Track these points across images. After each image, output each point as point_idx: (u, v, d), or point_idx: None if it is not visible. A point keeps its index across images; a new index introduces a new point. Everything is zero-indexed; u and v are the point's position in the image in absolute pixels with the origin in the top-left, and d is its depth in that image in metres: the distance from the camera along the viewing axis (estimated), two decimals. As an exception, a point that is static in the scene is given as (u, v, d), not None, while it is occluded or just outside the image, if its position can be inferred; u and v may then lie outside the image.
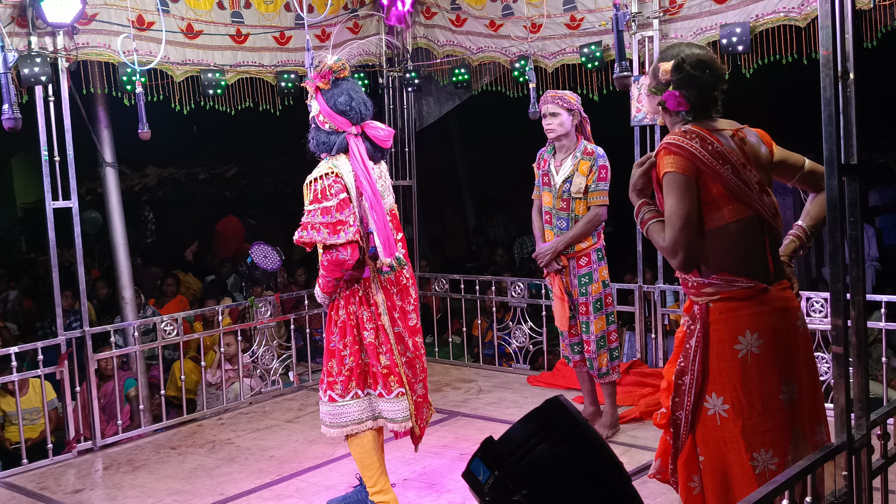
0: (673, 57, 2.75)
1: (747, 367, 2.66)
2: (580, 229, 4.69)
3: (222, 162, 15.57)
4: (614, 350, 4.83)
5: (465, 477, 2.20)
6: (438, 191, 11.63)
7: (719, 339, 2.70)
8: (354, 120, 3.62)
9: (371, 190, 3.55)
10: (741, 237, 2.68)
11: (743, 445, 2.66)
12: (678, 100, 2.73)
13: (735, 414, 2.67)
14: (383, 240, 3.54)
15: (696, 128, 2.71)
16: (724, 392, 2.68)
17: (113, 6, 5.32)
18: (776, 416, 2.66)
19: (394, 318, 3.71)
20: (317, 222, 3.50)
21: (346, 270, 3.57)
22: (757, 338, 2.66)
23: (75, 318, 7.15)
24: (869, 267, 8.35)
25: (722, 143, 2.68)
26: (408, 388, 3.72)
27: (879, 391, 5.17)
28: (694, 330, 2.74)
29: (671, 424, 2.82)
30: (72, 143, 5.09)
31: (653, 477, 2.98)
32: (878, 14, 4.89)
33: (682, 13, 5.58)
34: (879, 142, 10.05)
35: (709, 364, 2.72)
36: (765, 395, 2.66)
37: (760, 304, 2.67)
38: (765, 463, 2.65)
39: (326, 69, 3.62)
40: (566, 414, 2.15)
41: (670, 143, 2.68)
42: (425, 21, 6.87)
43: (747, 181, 2.66)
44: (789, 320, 2.71)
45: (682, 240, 2.64)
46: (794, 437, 2.67)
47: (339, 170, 3.56)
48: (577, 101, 4.73)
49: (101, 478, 4.81)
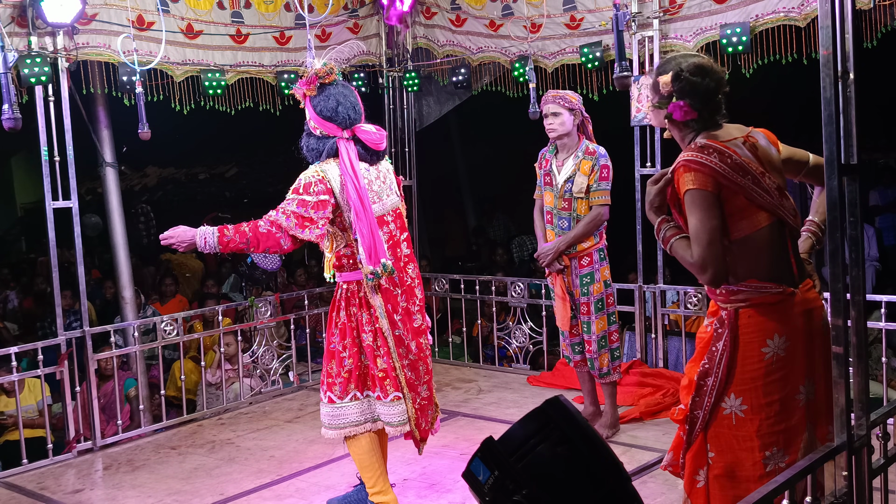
0: (671, 69, 2.75)
1: (772, 369, 2.69)
2: (582, 229, 4.69)
3: (222, 162, 15.57)
4: (615, 350, 4.83)
5: (465, 477, 2.20)
6: (438, 191, 11.63)
7: (748, 342, 2.72)
8: (343, 125, 3.61)
9: (358, 197, 3.53)
10: (767, 244, 2.70)
11: (757, 444, 2.70)
12: (684, 109, 2.74)
13: (753, 414, 2.70)
14: (367, 248, 3.52)
15: (711, 142, 2.71)
16: (745, 393, 2.71)
17: (113, 6, 5.32)
18: (793, 415, 2.69)
19: (394, 321, 3.68)
20: (289, 210, 3.50)
21: (264, 251, 3.58)
22: (784, 340, 2.68)
23: (75, 318, 7.15)
24: (869, 267, 8.35)
25: (740, 155, 2.68)
26: (407, 391, 3.68)
27: (879, 391, 5.17)
28: (722, 334, 2.76)
29: (687, 421, 2.85)
30: (72, 143, 5.09)
31: (665, 468, 3.00)
32: (878, 14, 4.89)
33: (682, 13, 5.58)
34: (879, 142, 10.06)
35: (735, 367, 2.74)
36: (785, 395, 2.69)
37: (788, 308, 2.70)
38: (776, 461, 2.68)
39: (312, 74, 3.62)
40: (566, 414, 2.15)
41: (689, 161, 2.68)
42: (425, 21, 6.87)
43: (768, 189, 2.68)
44: (813, 321, 2.75)
45: (710, 256, 2.65)
46: (809, 436, 2.70)
47: (327, 175, 3.56)
48: (578, 101, 4.73)
49: (101, 478, 4.81)
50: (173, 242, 3.51)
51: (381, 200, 3.69)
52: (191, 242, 3.48)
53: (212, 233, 3.47)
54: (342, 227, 3.63)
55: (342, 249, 3.67)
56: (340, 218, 3.61)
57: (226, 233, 3.46)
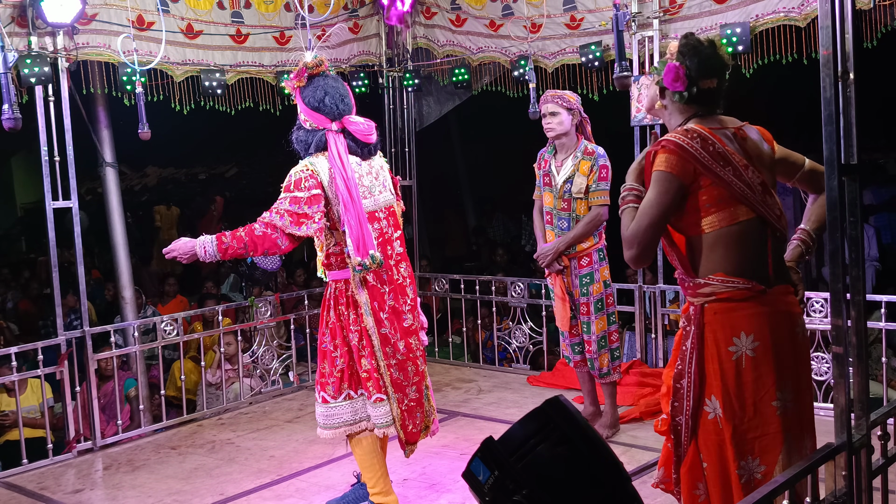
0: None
1: (742, 370, 2.59)
2: (581, 229, 4.69)
3: (222, 162, 15.57)
4: (615, 350, 4.83)
5: (465, 477, 2.20)
6: (438, 191, 11.63)
7: (714, 340, 2.63)
8: (331, 116, 3.61)
9: (346, 188, 3.53)
10: (742, 239, 2.61)
11: (732, 453, 2.59)
12: (678, 71, 2.65)
13: (726, 419, 2.60)
14: (355, 239, 3.51)
15: (698, 126, 2.64)
16: (719, 395, 2.61)
17: (113, 6, 5.32)
18: (769, 422, 2.58)
19: (379, 319, 3.64)
20: (283, 209, 3.51)
21: (263, 253, 3.58)
22: (752, 340, 2.58)
23: (76, 318, 7.15)
24: (869, 267, 8.35)
25: (724, 143, 2.61)
26: (392, 391, 3.64)
27: (879, 391, 5.18)
28: (690, 332, 2.68)
29: (672, 431, 2.75)
30: (72, 143, 5.09)
31: (656, 486, 2.90)
32: (878, 14, 4.89)
33: (682, 13, 5.58)
34: (879, 142, 10.06)
35: (705, 366, 2.65)
36: (758, 400, 2.58)
37: (757, 307, 2.60)
38: (750, 472, 2.59)
39: (302, 66, 3.64)
40: (566, 414, 2.14)
41: (669, 141, 2.62)
42: (425, 21, 6.87)
43: (750, 183, 2.60)
44: (789, 326, 2.64)
45: (642, 236, 2.61)
46: (787, 447, 2.59)
47: (316, 167, 3.56)
48: (576, 101, 4.73)
49: (101, 478, 4.81)
50: (176, 255, 3.58)
51: (372, 196, 3.68)
52: (192, 253, 3.54)
53: (210, 241, 3.52)
54: (332, 224, 3.62)
55: (332, 248, 3.66)
56: (330, 212, 3.60)
57: (223, 240, 3.52)
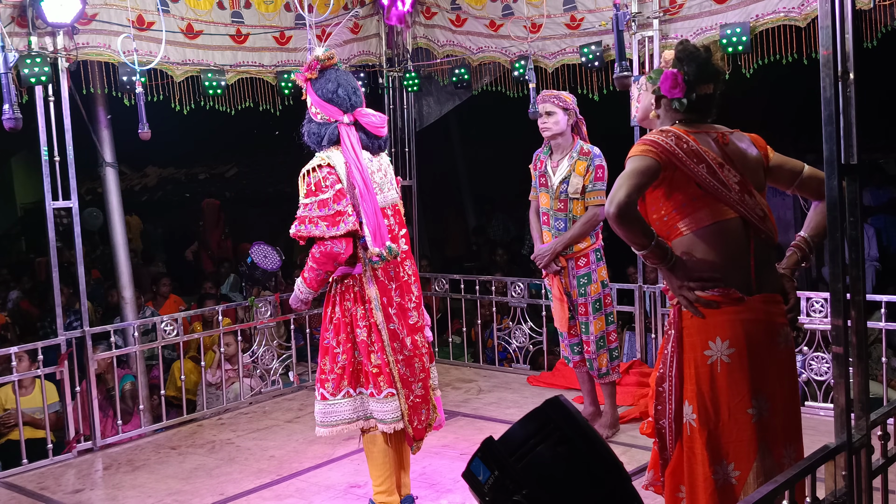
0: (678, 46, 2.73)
1: (716, 375, 2.59)
2: (578, 230, 4.69)
3: (222, 162, 15.56)
4: (614, 350, 4.83)
5: (465, 477, 2.20)
6: (438, 191, 11.63)
7: (692, 344, 2.64)
8: (343, 107, 3.60)
9: (362, 179, 3.53)
10: (720, 241, 2.61)
11: (707, 457, 2.58)
12: (676, 78, 2.65)
13: (701, 424, 2.60)
14: (373, 229, 3.51)
15: (673, 128, 2.67)
16: (694, 401, 2.61)
17: (113, 6, 5.32)
18: (743, 429, 2.58)
19: (388, 315, 3.65)
20: (314, 216, 3.47)
21: (338, 264, 3.55)
22: (727, 346, 2.58)
23: (76, 318, 7.14)
24: (869, 267, 8.35)
25: (698, 142, 2.62)
26: (401, 387, 3.65)
27: (879, 391, 5.18)
28: (671, 335, 2.70)
29: (657, 434, 2.75)
30: (72, 143, 5.09)
31: (646, 488, 2.89)
32: (878, 14, 4.89)
33: (682, 13, 5.58)
34: (879, 142, 10.05)
35: (684, 371, 2.66)
36: (732, 406, 2.58)
37: (735, 313, 2.59)
38: (725, 476, 2.58)
39: (313, 59, 3.63)
40: (566, 414, 2.15)
41: (644, 139, 2.65)
42: (425, 21, 6.87)
43: (724, 181, 2.60)
44: (769, 335, 2.63)
45: (628, 186, 2.52)
46: (762, 454, 2.58)
47: (332, 160, 3.54)
48: (572, 101, 4.73)
49: (101, 478, 4.81)
50: (300, 307, 3.79)
51: (382, 192, 3.68)
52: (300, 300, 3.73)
53: (300, 284, 3.67)
54: None
55: None
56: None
57: (306, 277, 3.61)
